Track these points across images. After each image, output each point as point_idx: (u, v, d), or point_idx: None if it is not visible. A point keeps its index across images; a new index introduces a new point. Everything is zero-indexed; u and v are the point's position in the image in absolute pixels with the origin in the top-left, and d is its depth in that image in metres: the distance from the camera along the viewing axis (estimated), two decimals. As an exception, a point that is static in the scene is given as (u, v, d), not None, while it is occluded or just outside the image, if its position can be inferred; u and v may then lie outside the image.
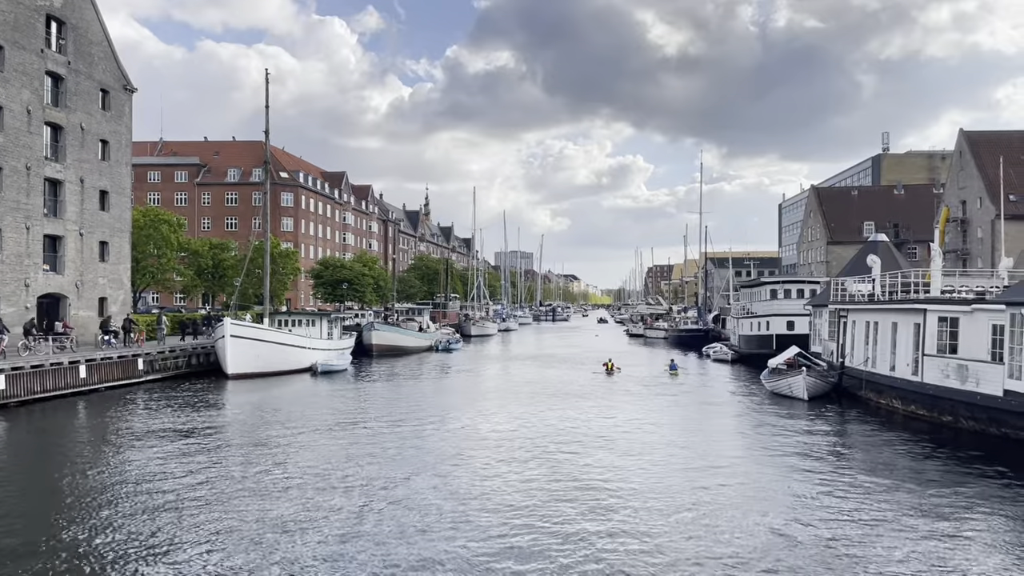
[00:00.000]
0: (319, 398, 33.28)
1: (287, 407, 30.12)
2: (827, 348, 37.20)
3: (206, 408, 29.19)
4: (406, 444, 22.03)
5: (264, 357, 40.04)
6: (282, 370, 40.95)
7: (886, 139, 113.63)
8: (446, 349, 62.53)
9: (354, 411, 28.76)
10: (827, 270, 76.05)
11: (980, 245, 59.70)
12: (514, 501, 15.78)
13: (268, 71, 43.77)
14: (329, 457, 20.21)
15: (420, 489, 16.72)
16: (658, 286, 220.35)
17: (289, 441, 22.60)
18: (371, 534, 13.57)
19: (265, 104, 43.94)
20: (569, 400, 31.86)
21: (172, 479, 17.60)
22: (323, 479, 17.64)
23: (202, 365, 41.59)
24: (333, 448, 21.53)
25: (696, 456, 20.83)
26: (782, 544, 13.16)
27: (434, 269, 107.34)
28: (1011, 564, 12.36)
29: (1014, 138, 63.34)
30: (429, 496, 16.14)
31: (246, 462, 19.59)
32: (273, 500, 15.81)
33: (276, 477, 17.89)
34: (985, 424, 23.01)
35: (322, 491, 16.51)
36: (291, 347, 42.34)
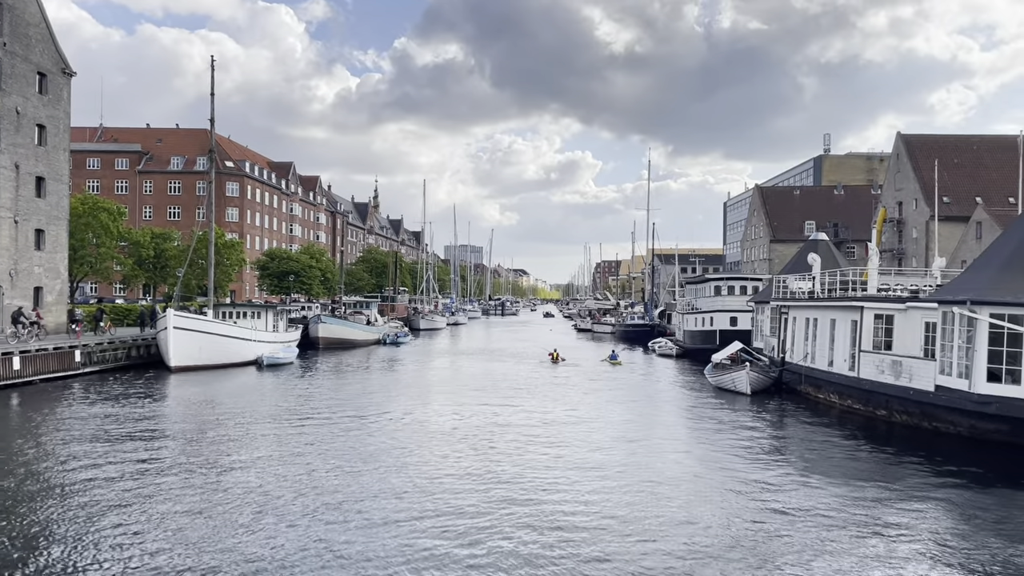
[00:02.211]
0: (264, 391, 32.83)
1: (231, 400, 29.65)
2: (768, 344, 38.11)
3: (146, 401, 28.54)
4: (350, 438, 21.91)
5: (208, 349, 39.30)
6: (226, 363, 40.24)
7: (827, 140, 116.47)
8: (394, 343, 62.21)
9: (299, 405, 28.46)
10: (769, 267, 77.81)
11: (915, 245, 61.76)
12: (457, 496, 15.83)
13: (213, 58, 42.85)
14: (272, 451, 19.99)
15: (363, 483, 16.65)
16: (606, 281, 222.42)
17: (231, 435, 22.27)
18: (312, 528, 13.48)
19: (210, 91, 43.03)
20: (516, 394, 32.03)
21: (106, 475, 17.19)
22: (265, 474, 17.44)
23: (143, 357, 40.63)
24: (276, 442, 21.28)
25: (639, 450, 21.18)
26: (720, 536, 13.49)
27: (383, 262, 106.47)
28: (936, 552, 12.90)
29: (948, 142, 65.62)
30: (372, 490, 16.09)
31: (185, 457, 19.24)
32: (212, 495, 15.58)
33: (216, 472, 17.63)
34: (917, 418, 23.88)
35: (264, 486, 16.33)
36: (236, 339, 41.63)
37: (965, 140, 66.58)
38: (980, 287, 21.41)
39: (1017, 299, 20.28)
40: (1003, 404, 20.16)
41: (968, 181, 60.61)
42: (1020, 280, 20.64)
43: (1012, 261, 21.37)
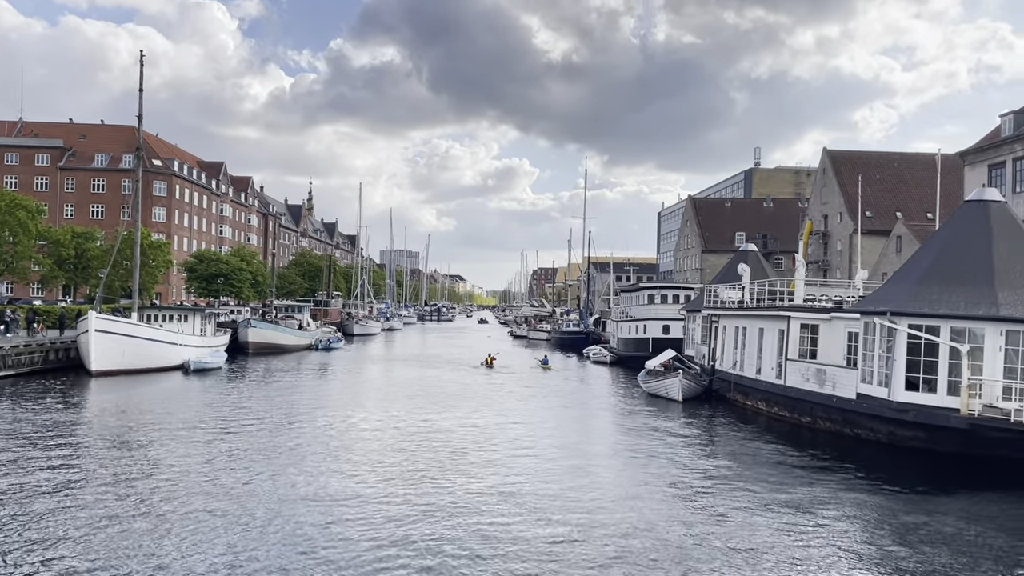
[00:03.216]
0: (190, 397, 31.86)
1: (154, 406, 28.67)
2: (700, 352, 38.84)
3: (62, 407, 27.36)
4: (278, 445, 21.41)
5: (131, 353, 37.95)
6: (151, 367, 38.93)
7: (757, 154, 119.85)
8: (327, 348, 61.25)
9: (226, 411, 27.70)
10: (701, 277, 79.43)
11: (839, 257, 63.93)
12: (386, 503, 15.61)
13: (143, 52, 41.55)
14: (196, 459, 19.38)
15: (289, 491, 16.28)
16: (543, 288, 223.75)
17: (153, 442, 21.52)
18: (231, 537, 13.11)
19: (139, 87, 41.65)
20: (450, 400, 31.85)
21: (11, 484, 16.39)
22: (188, 483, 16.90)
23: (61, 361, 39.00)
24: (200, 450, 20.65)
25: (572, 456, 21.27)
26: (649, 540, 13.63)
27: (316, 266, 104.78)
28: (855, 554, 13.30)
29: (871, 158, 68.20)
30: (297, 499, 15.75)
31: (104, 466, 18.50)
32: (127, 504, 15.01)
33: (136, 481, 16.99)
34: (840, 425, 24.63)
35: (185, 494, 15.81)
36: (161, 343, 40.32)
37: (887, 157, 69.31)
38: (899, 299, 22.22)
39: (934, 311, 21.11)
40: (920, 412, 20.95)
41: (889, 196, 63.04)
42: (937, 292, 21.51)
43: (929, 274, 22.26)
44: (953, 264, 22.02)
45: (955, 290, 21.25)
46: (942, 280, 21.71)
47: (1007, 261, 21.55)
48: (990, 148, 42.51)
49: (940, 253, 22.80)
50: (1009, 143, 40.67)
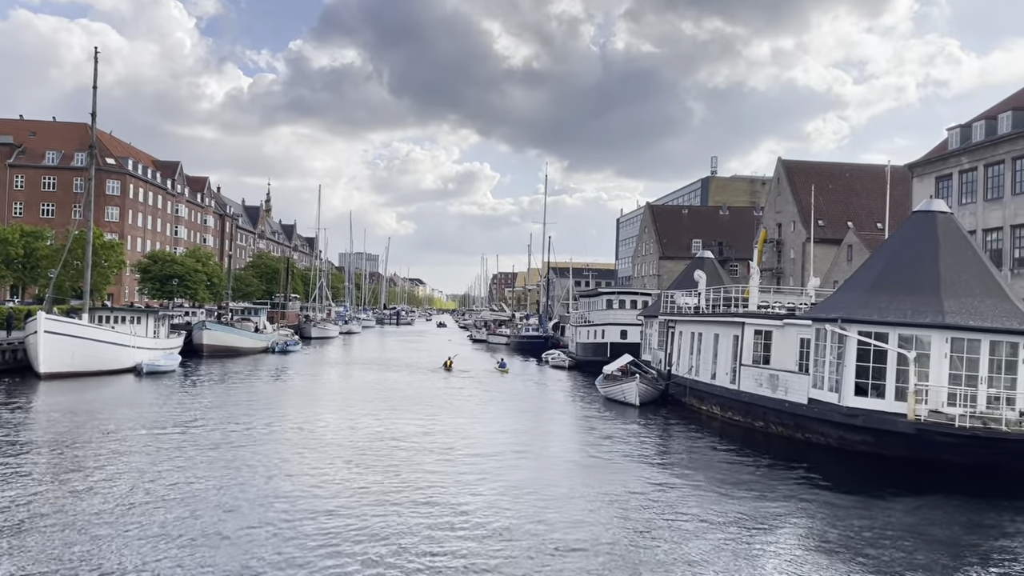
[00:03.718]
0: (142, 400, 31.27)
1: (105, 409, 28.08)
2: (656, 357, 39.31)
3: (8, 410, 26.64)
4: (231, 450, 21.15)
5: (81, 355, 37.10)
6: (102, 370, 38.10)
7: (714, 163, 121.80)
8: (283, 351, 60.57)
9: (179, 415, 27.25)
10: (658, 283, 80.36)
11: (793, 265, 65.23)
12: (341, 509, 15.54)
13: (97, 49, 40.69)
14: (146, 464, 19.05)
15: (240, 496, 16.11)
16: (502, 293, 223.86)
17: (103, 446, 21.10)
18: (180, 543, 12.95)
19: (93, 84, 40.77)
20: (408, 404, 31.77)
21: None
22: (137, 488, 16.62)
23: (8, 363, 37.96)
24: (152, 454, 20.29)
25: (530, 459, 21.40)
26: (605, 544, 13.80)
27: (274, 268, 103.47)
28: (805, 555, 13.63)
29: (824, 168, 69.75)
30: (248, 503, 15.60)
31: (49, 470, 18.10)
32: (76, 510, 14.72)
33: (83, 485, 16.66)
34: (792, 430, 25.16)
35: (134, 500, 15.55)
36: (113, 345, 39.49)
37: (839, 168, 70.94)
38: (850, 306, 22.81)
39: (883, 318, 21.71)
40: (868, 417, 21.51)
41: (841, 206, 64.52)
42: (885, 300, 22.13)
43: (878, 283, 22.89)
44: (901, 273, 22.67)
45: (903, 298, 21.88)
46: (891, 288, 22.33)
47: (953, 270, 22.26)
48: (937, 160, 43.83)
49: (889, 262, 23.46)
50: (956, 156, 41.98)
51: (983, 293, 21.71)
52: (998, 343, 21.01)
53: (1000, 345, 21.03)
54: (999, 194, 38.62)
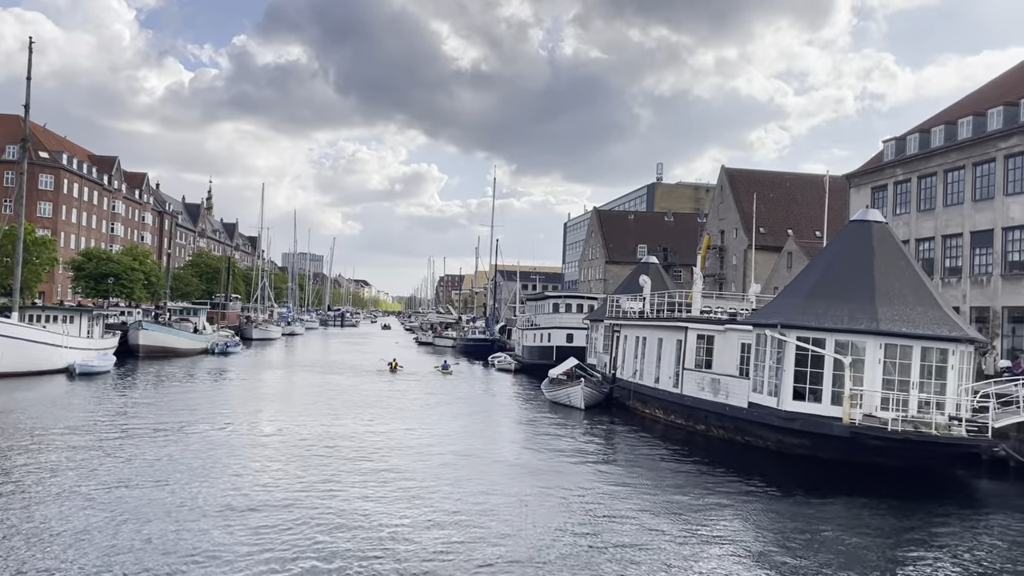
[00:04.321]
0: (74, 402, 30.23)
1: (34, 411, 27.05)
2: (601, 360, 39.64)
3: (-68, 413, 25.50)
4: (166, 453, 20.59)
5: (10, 355, 35.71)
6: (32, 370, 36.74)
7: (660, 169, 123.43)
8: (223, 352, 59.33)
9: (113, 417, 26.42)
10: (604, 287, 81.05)
11: (735, 271, 66.53)
12: (273, 515, 15.26)
13: (32, 39, 39.31)
14: (77, 468, 18.41)
15: (173, 500, 15.70)
16: (449, 296, 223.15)
17: (31, 449, 20.31)
18: (110, 550, 12.55)
19: (27, 75, 39.36)
20: (351, 407, 31.40)
21: None
22: (65, 492, 16.05)
23: (-71, 363, 36.28)
24: (83, 458, 19.61)
25: (474, 463, 21.33)
26: (548, 545, 13.83)
27: (214, 267, 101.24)
28: (742, 555, 13.88)
29: (765, 177, 71.36)
30: (180, 507, 15.21)
31: (-19, 474, 17.36)
32: (12, 514, 14.14)
33: (8, 490, 16.02)
34: (732, 433, 25.62)
35: (62, 505, 15.01)
36: (44, 345, 38.12)
37: (780, 176, 72.65)
38: (789, 312, 23.33)
39: (820, 324, 22.28)
40: (806, 420, 22.03)
41: (782, 214, 66.04)
42: (823, 307, 22.70)
43: (816, 290, 23.48)
44: (838, 281, 23.28)
45: (840, 305, 22.47)
46: (828, 295, 22.92)
47: (887, 279, 22.96)
48: (873, 172, 45.21)
49: (826, 270, 24.08)
50: (891, 167, 43.36)
51: (915, 301, 22.43)
52: (929, 349, 21.74)
53: (931, 351, 21.75)
54: (931, 205, 40.02)
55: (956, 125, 38.93)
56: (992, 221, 35.85)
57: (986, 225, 36.22)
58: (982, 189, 36.74)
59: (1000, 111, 36.09)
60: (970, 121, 37.81)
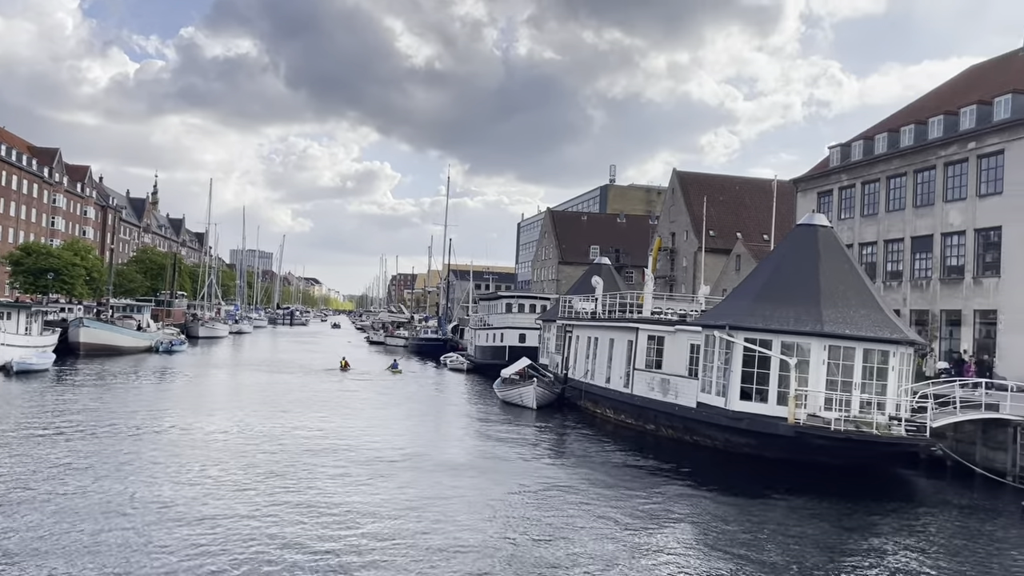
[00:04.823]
0: (11, 400, 29.20)
1: (-33, 412, 26.08)
2: (553, 360, 39.80)
3: None
4: (107, 453, 20.05)
5: (-60, 353, 34.39)
6: (-37, 369, 35.43)
7: (613, 171, 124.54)
8: (168, 351, 58.01)
9: (52, 417, 25.60)
10: (557, 288, 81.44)
11: (685, 273, 67.46)
12: (218, 516, 14.96)
13: (-34, 23, 37.90)
14: (13, 468, 17.80)
15: (113, 501, 15.29)
16: (401, 295, 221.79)
17: (-32, 451, 19.58)
18: (47, 551, 12.16)
19: (-40, 61, 37.94)
20: (299, 407, 30.97)
21: None
22: (6, 494, 15.51)
23: None
24: (19, 458, 18.98)
25: (423, 462, 21.20)
26: (488, 545, 13.82)
27: (160, 263, 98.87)
28: (689, 555, 14.07)
29: (715, 181, 72.57)
30: (120, 510, 14.82)
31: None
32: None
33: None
34: (681, 432, 25.95)
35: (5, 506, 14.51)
36: (-23, 343, 36.80)
37: (730, 180, 73.95)
38: (737, 314, 23.72)
39: (767, 326, 22.69)
40: (752, 420, 22.42)
41: (731, 217, 67.21)
42: (770, 309, 23.12)
43: (764, 292, 23.90)
44: (785, 283, 23.73)
45: (786, 307, 22.91)
46: (775, 298, 23.34)
47: (831, 282, 23.48)
48: (819, 177, 46.27)
49: (774, 273, 24.54)
50: (836, 173, 44.44)
51: (858, 304, 23.00)
52: (871, 351, 22.30)
53: (873, 353, 22.32)
54: (874, 210, 41.12)
55: (899, 133, 40.08)
56: (932, 227, 36.98)
57: (926, 231, 37.35)
58: (923, 196, 37.88)
59: (940, 120, 37.24)
60: (912, 129, 38.95)
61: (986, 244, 34.10)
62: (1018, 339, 31.42)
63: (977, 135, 34.51)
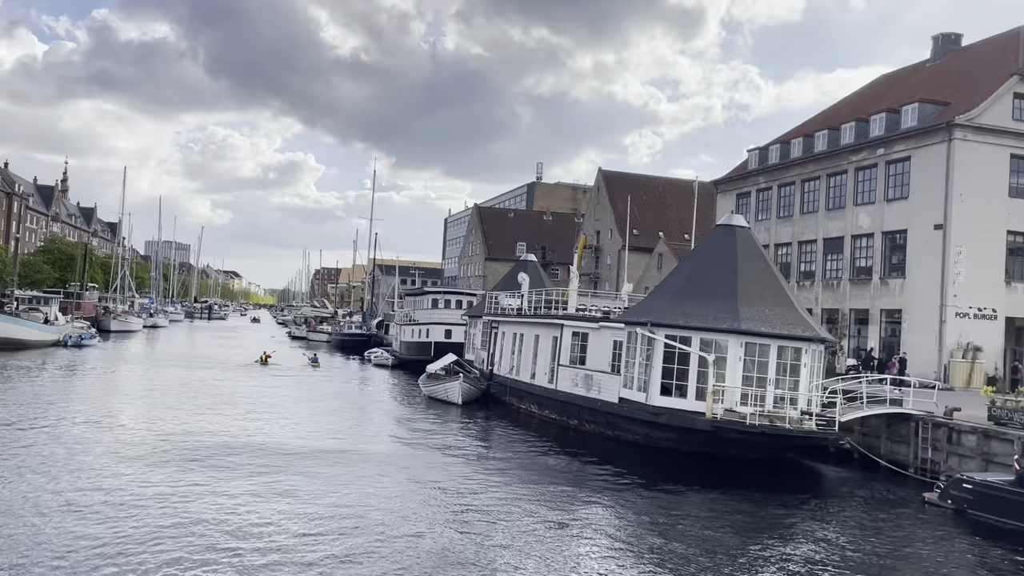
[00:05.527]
0: (-98, 399, 27.52)
1: None
2: (479, 356, 39.87)
3: None
4: (7, 451, 19.10)
5: None
6: None
7: (540, 168, 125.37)
8: (77, 345, 55.58)
9: (-49, 415, 24.25)
10: (484, 284, 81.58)
11: (609, 271, 68.54)
12: (129, 515, 14.47)
13: None
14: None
15: (13, 501, 14.62)
16: (325, 289, 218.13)
17: None
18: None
19: None
20: (216, 403, 30.15)
21: None
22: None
23: None
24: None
25: (345, 458, 20.95)
26: (410, 542, 13.80)
27: (69, 254, 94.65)
28: (609, 545, 14.34)
29: (639, 181, 73.98)
30: (18, 510, 14.19)
31: None
32: None
33: None
34: (604, 427, 26.37)
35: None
36: None
37: (652, 180, 75.52)
38: (658, 311, 24.23)
39: (687, 323, 23.25)
40: (672, 415, 22.96)
41: (653, 217, 68.61)
42: (690, 306, 23.69)
43: (684, 290, 24.49)
44: (704, 282, 24.35)
45: (705, 305, 23.52)
46: (695, 296, 23.94)
47: (748, 281, 24.20)
48: (738, 179, 47.68)
49: (694, 271, 25.17)
50: (754, 176, 45.86)
51: (773, 302, 23.79)
52: (785, 348, 23.12)
53: (786, 350, 23.14)
54: (790, 212, 42.62)
55: (813, 138, 41.65)
56: (843, 229, 38.58)
57: (837, 233, 38.94)
58: (835, 199, 39.47)
59: (852, 127, 38.86)
60: (825, 135, 40.53)
61: (892, 247, 35.79)
62: (920, 338, 33.11)
63: (886, 142, 36.15)
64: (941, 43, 42.50)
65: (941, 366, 31.79)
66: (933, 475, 20.58)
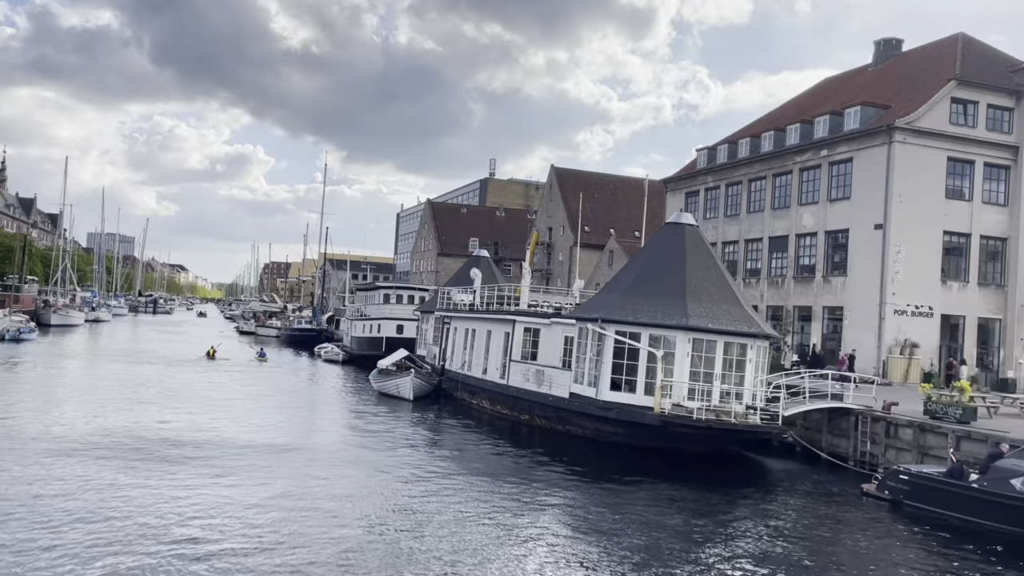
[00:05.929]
0: None
1: None
2: (431, 352, 39.81)
3: None
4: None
5: None
6: None
7: (493, 164, 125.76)
8: (15, 339, 53.91)
9: None
10: (436, 279, 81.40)
11: (561, 267, 68.97)
12: (71, 514, 14.20)
13: None
14: None
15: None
16: (274, 283, 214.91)
17: None
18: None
19: None
20: (160, 399, 29.57)
21: None
22: None
23: None
24: None
25: (294, 455, 20.80)
26: (360, 539, 13.80)
27: (8, 246, 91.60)
28: (558, 541, 14.54)
29: (592, 178, 74.51)
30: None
31: None
32: None
33: None
34: (555, 422, 26.61)
35: None
36: None
37: (604, 178, 76.14)
38: (609, 308, 24.55)
39: (636, 319, 23.60)
40: (622, 410, 23.30)
41: (605, 214, 69.22)
42: (639, 303, 24.06)
43: (634, 287, 24.85)
44: (653, 279, 24.75)
45: (654, 302, 23.91)
46: (644, 292, 24.31)
47: (696, 278, 24.67)
48: (687, 178, 48.43)
49: (643, 268, 25.54)
50: (703, 175, 46.64)
51: (720, 299, 24.30)
52: (731, 344, 23.63)
53: (732, 346, 23.66)
54: (737, 211, 43.46)
55: (760, 139, 42.50)
56: (788, 228, 39.50)
57: (782, 231, 39.86)
58: (780, 199, 40.38)
59: (797, 128, 39.78)
60: (772, 136, 41.41)
61: (835, 245, 36.78)
62: (860, 334, 34.13)
63: (829, 143, 37.12)
64: (883, 48, 43.78)
65: (880, 362, 32.82)
66: (871, 467, 21.30)
